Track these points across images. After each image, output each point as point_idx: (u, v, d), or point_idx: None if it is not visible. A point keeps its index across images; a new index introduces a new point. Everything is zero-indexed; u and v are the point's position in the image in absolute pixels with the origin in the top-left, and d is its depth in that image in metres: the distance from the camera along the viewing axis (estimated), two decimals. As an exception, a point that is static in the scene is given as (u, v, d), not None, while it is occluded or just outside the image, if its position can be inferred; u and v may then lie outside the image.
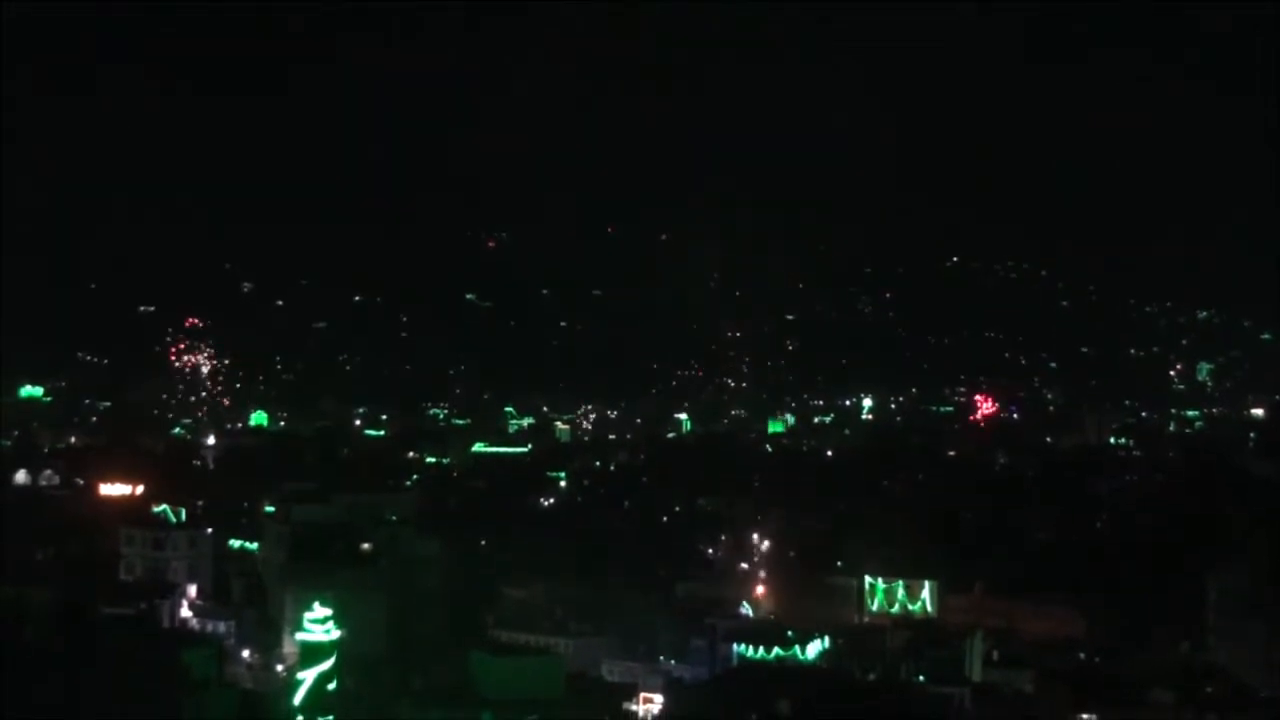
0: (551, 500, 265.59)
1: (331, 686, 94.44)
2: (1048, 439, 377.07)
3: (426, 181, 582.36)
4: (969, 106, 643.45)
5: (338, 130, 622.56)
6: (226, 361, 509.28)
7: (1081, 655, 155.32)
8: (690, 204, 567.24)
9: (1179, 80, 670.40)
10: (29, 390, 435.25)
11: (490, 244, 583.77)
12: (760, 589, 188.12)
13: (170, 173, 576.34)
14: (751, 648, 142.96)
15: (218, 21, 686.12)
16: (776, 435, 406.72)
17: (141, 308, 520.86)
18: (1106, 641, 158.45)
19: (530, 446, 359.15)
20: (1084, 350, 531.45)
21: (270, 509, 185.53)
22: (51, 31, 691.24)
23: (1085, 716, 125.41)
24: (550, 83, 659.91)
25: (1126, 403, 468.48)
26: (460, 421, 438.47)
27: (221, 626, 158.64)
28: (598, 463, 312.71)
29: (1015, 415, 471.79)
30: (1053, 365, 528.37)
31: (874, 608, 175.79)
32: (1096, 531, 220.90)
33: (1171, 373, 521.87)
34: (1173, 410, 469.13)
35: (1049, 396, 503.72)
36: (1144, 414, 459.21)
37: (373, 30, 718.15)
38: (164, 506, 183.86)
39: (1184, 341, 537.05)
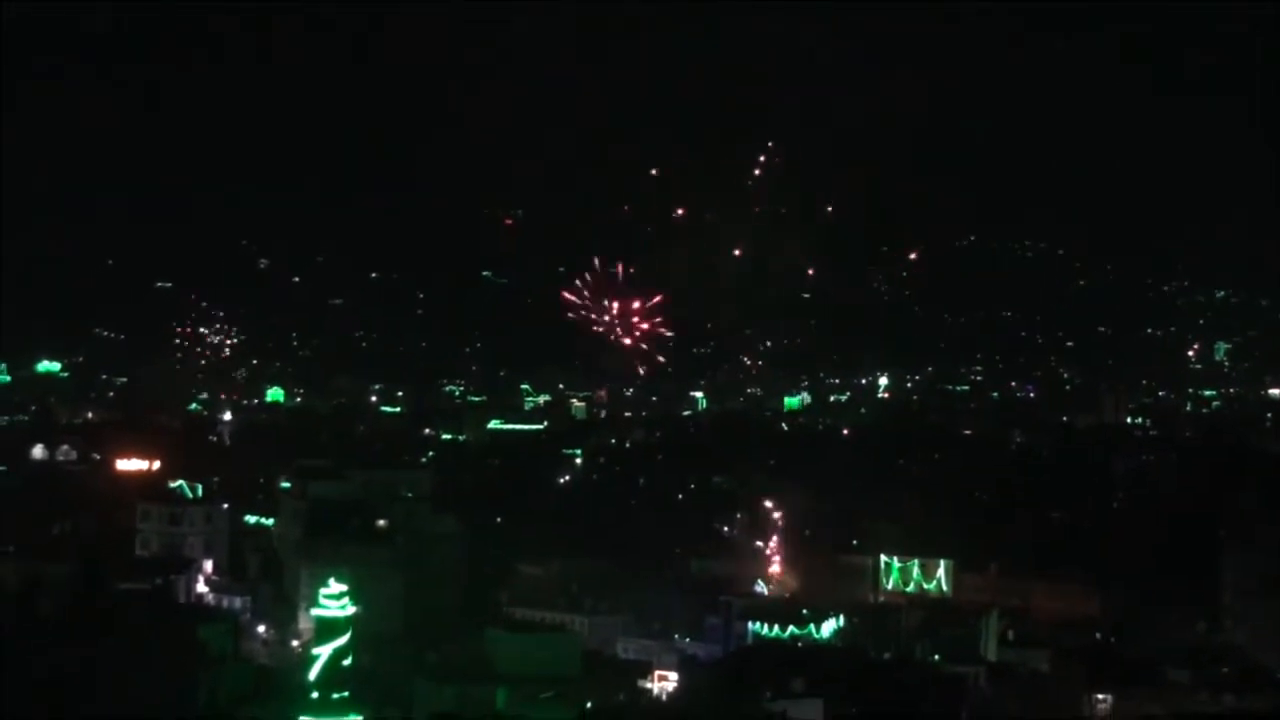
0: (567, 477, 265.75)
1: (347, 662, 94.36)
2: (1064, 418, 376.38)
3: (444, 158, 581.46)
4: (986, 83, 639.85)
5: (355, 105, 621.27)
6: (243, 338, 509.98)
7: (1097, 635, 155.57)
8: (706, 181, 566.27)
9: (1198, 57, 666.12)
10: (46, 365, 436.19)
11: (507, 221, 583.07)
12: (775, 567, 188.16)
13: (187, 148, 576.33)
14: (766, 626, 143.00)
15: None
16: (792, 413, 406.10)
17: (158, 284, 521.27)
18: (1122, 621, 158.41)
19: (546, 424, 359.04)
20: (1101, 329, 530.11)
21: (286, 485, 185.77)
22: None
23: (1100, 696, 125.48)
24: (568, 60, 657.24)
25: (1143, 382, 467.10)
26: (476, 398, 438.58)
27: (237, 602, 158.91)
28: (613, 440, 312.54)
29: (1032, 394, 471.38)
30: (1069, 344, 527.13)
31: (889, 586, 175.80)
32: (1113, 511, 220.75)
33: (1189, 352, 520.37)
34: (1190, 390, 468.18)
35: (1065, 375, 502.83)
36: (1161, 393, 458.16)
37: (390, 2, 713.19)
38: (180, 482, 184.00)
39: (1201, 321, 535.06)
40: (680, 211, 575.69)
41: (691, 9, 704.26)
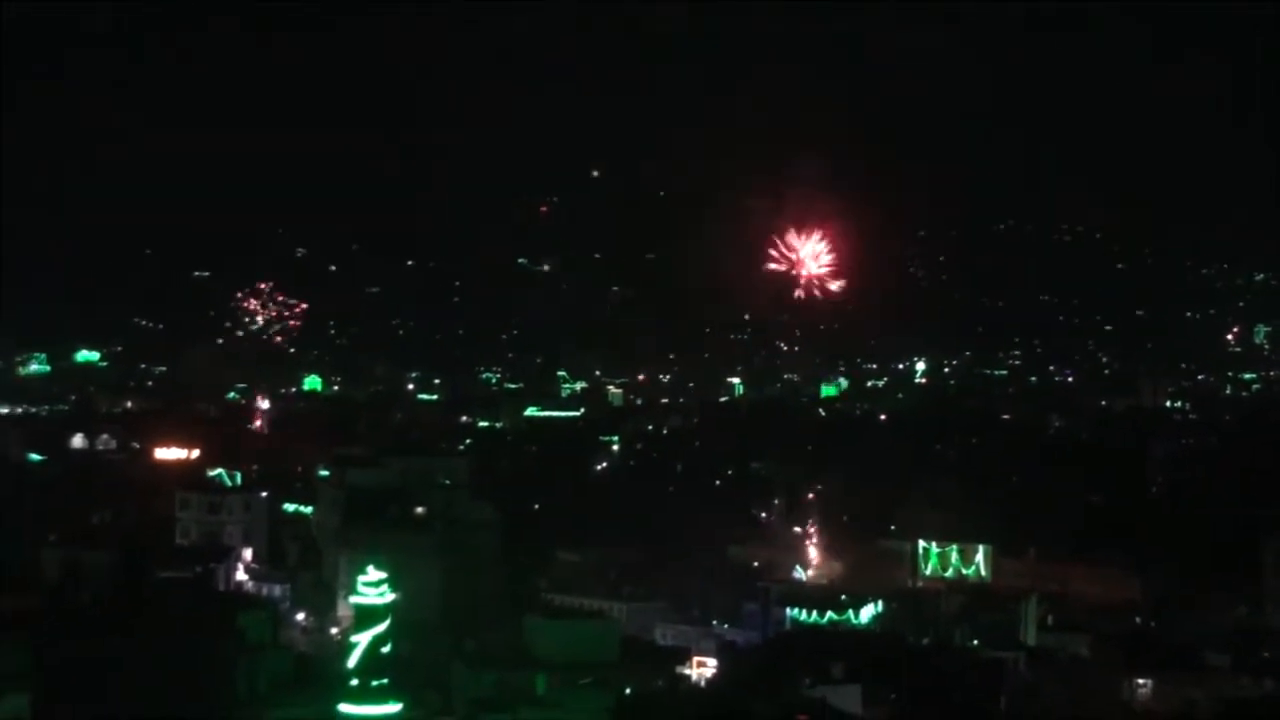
0: (604, 464, 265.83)
1: (386, 650, 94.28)
2: (1103, 402, 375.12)
3: (481, 146, 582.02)
4: (1027, 62, 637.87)
5: (390, 92, 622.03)
6: (280, 327, 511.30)
7: (1137, 619, 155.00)
8: (743, 165, 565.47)
9: (1245, 37, 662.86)
10: (86, 355, 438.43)
11: (543, 209, 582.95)
12: (813, 553, 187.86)
13: (224, 138, 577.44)
14: (804, 612, 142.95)
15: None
16: (829, 399, 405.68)
17: (196, 274, 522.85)
18: (1162, 606, 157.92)
19: (583, 410, 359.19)
20: (1139, 313, 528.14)
21: (324, 473, 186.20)
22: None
23: (1140, 681, 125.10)
24: (602, 43, 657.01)
25: (1182, 365, 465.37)
26: (513, 385, 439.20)
27: (276, 590, 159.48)
28: (650, 427, 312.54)
29: (1070, 378, 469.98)
30: (1108, 328, 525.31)
31: (927, 572, 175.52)
32: (1152, 495, 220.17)
33: (1228, 335, 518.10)
34: (1229, 373, 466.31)
35: (1104, 359, 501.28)
36: (1200, 377, 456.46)
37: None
38: (219, 470, 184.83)
39: (1241, 304, 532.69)
40: (715, 198, 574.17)
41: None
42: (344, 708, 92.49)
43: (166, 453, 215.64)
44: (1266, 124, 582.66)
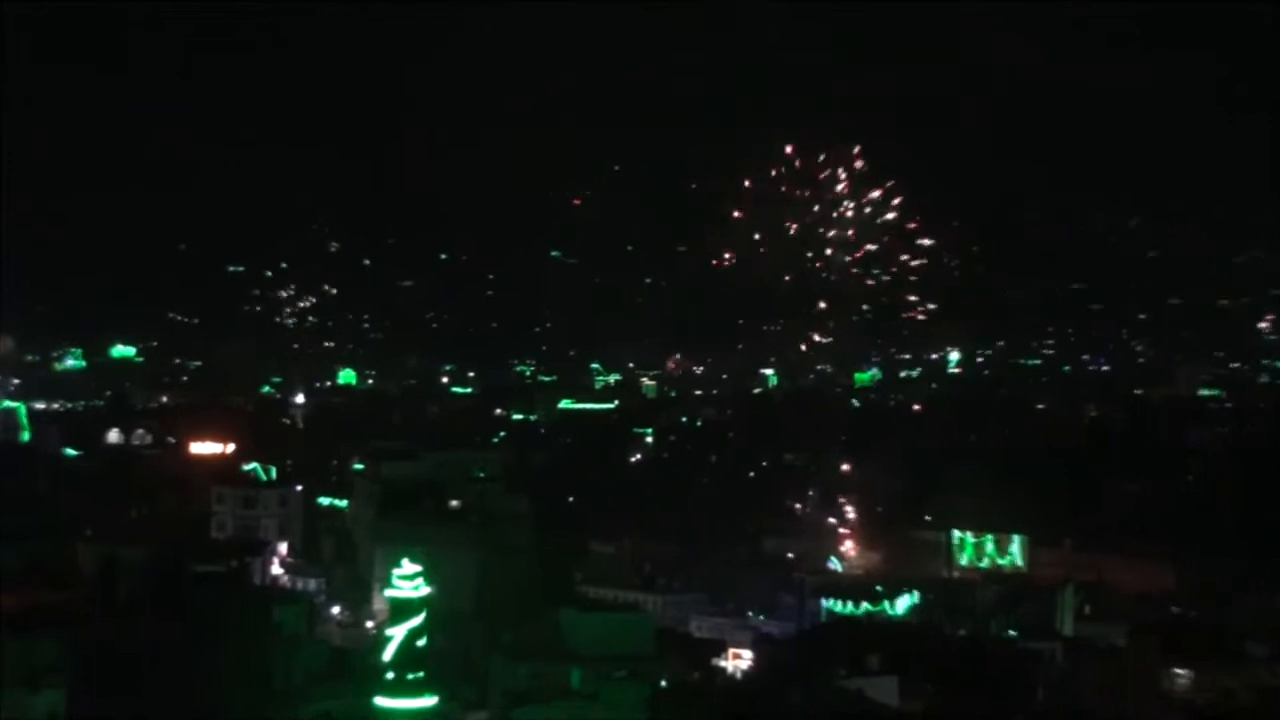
0: (638, 456, 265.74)
1: (421, 643, 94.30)
2: (1138, 390, 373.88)
3: (513, 138, 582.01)
4: (1059, 50, 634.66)
5: (424, 86, 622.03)
6: (314, 320, 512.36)
7: (1175, 609, 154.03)
8: (775, 155, 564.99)
9: (1272, 20, 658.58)
10: (121, 350, 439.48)
11: (576, 201, 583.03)
12: (848, 543, 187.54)
13: (258, 131, 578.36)
14: (840, 603, 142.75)
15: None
16: (863, 389, 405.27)
17: (231, 268, 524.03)
18: (1201, 595, 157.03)
19: (617, 402, 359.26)
20: (1174, 300, 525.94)
21: (359, 466, 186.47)
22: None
23: (1179, 671, 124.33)
24: (634, 29, 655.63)
25: (1217, 354, 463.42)
26: (547, 378, 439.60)
27: (312, 584, 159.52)
28: (684, 418, 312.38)
29: (1104, 367, 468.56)
30: (1142, 316, 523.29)
31: (963, 562, 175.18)
32: (1188, 483, 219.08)
33: (1262, 323, 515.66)
34: (1265, 361, 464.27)
35: (1138, 348, 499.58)
36: (1235, 365, 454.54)
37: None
38: (254, 465, 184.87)
39: (1276, 291, 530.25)
40: (746, 184, 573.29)
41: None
42: (380, 701, 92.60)
43: (202, 447, 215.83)
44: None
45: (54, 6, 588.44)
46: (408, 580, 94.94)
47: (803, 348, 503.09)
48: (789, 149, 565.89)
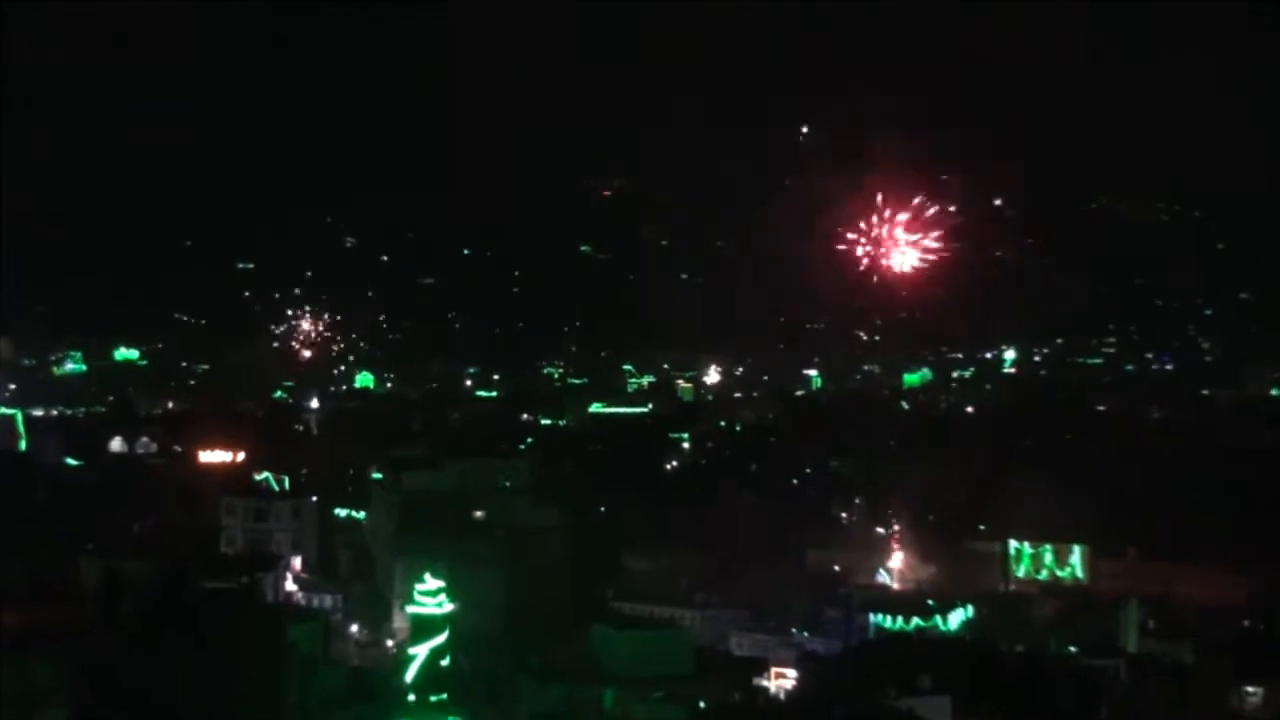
0: (674, 463, 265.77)
1: (445, 663, 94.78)
2: (1205, 391, 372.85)
3: (539, 130, 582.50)
4: (1121, 36, 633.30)
5: (446, 74, 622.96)
6: (329, 320, 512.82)
7: (1245, 623, 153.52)
8: (818, 150, 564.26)
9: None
10: (124, 353, 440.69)
11: (605, 194, 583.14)
12: (897, 556, 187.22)
13: (269, 126, 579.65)
14: (889, 618, 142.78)
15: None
16: (912, 391, 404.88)
17: (240, 265, 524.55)
18: (1272, 608, 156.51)
19: (651, 406, 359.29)
20: (1243, 296, 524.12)
21: (378, 476, 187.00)
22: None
23: (1250, 689, 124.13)
24: (668, 22, 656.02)
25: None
26: (576, 381, 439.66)
27: (328, 600, 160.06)
28: (723, 423, 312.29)
29: (1169, 366, 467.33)
30: (1209, 313, 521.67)
31: (1020, 574, 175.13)
32: (1259, 490, 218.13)
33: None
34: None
35: (1205, 346, 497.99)
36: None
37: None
38: (266, 474, 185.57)
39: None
40: (786, 181, 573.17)
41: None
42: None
43: (210, 456, 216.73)
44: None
45: (54, 6, 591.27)
46: (430, 596, 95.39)
47: (852, 346, 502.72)
48: (829, 140, 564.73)
